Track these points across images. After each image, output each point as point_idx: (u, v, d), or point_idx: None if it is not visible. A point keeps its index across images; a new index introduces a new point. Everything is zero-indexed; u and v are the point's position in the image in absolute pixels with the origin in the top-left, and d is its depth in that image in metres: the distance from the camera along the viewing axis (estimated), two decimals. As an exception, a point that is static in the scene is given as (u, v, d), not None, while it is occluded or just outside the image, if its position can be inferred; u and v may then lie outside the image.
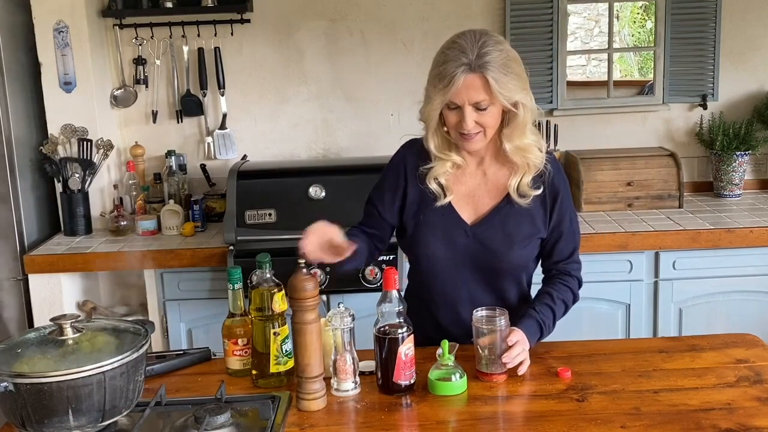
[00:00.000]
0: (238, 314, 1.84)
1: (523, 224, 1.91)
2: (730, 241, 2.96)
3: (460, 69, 1.74)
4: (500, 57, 1.76)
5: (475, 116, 1.79)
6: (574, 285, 1.98)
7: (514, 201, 1.90)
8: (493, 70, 1.74)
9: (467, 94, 1.76)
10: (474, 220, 1.93)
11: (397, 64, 3.52)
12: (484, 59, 1.74)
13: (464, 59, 1.74)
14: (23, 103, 3.15)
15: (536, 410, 1.61)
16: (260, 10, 3.46)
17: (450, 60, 1.76)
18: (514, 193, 1.90)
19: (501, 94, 1.76)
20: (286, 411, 1.63)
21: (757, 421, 1.54)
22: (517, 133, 1.85)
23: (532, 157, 1.88)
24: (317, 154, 3.59)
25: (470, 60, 1.74)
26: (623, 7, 5.34)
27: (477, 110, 1.78)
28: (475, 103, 1.77)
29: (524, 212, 1.91)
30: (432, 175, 1.91)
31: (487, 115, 1.79)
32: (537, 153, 1.89)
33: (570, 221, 1.96)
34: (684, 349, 1.90)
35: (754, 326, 2.54)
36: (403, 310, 1.70)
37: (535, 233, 1.93)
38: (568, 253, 1.97)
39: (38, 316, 2.99)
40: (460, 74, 1.74)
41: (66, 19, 3.17)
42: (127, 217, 3.26)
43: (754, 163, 3.57)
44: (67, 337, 1.51)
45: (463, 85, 1.75)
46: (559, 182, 1.93)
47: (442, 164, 1.90)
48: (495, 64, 1.75)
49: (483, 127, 1.81)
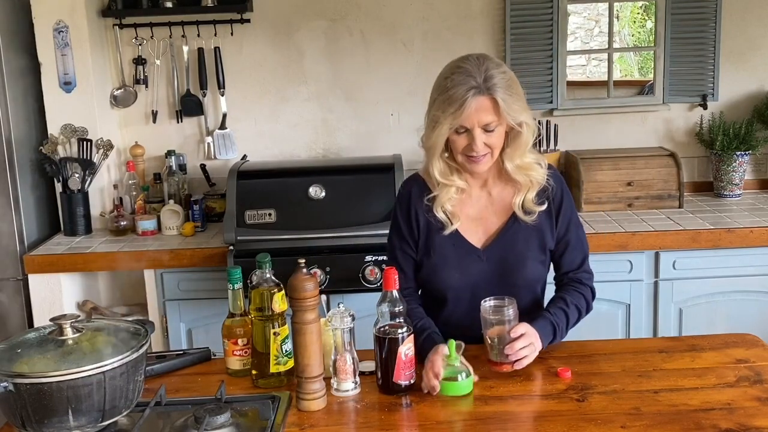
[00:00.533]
0: (238, 314, 1.84)
1: (532, 240, 1.93)
2: (730, 241, 2.96)
3: (470, 92, 1.76)
4: (504, 79, 1.80)
5: (484, 138, 1.81)
6: (588, 293, 1.99)
7: (521, 220, 1.92)
8: (500, 91, 1.78)
9: (477, 117, 1.78)
10: (484, 242, 1.94)
11: (397, 64, 3.52)
12: (492, 81, 1.77)
13: (473, 82, 1.77)
14: (23, 103, 3.15)
15: (536, 410, 1.61)
16: (260, 10, 3.46)
17: (458, 84, 1.78)
18: (520, 211, 1.91)
19: (509, 115, 1.79)
20: (286, 411, 1.63)
21: (757, 421, 1.54)
22: (518, 153, 1.87)
23: (534, 174, 1.90)
24: (317, 154, 3.59)
25: (479, 83, 1.77)
26: (623, 7, 5.34)
27: (485, 132, 1.80)
28: (485, 125, 1.79)
29: (532, 228, 1.93)
30: (438, 203, 1.92)
31: (495, 136, 1.82)
32: (538, 169, 1.91)
33: (576, 231, 1.98)
34: (684, 349, 1.90)
35: (754, 326, 2.54)
36: (403, 310, 1.70)
37: (545, 247, 1.95)
38: (578, 263, 1.99)
39: (38, 316, 2.99)
40: (471, 97, 1.76)
41: (66, 19, 3.17)
42: (127, 217, 3.26)
43: (754, 163, 3.57)
44: (67, 337, 1.51)
45: (474, 108, 1.77)
46: (563, 195, 1.96)
47: (447, 191, 1.91)
48: (501, 85, 1.78)
49: (491, 148, 1.83)
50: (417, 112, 3.46)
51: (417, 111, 3.50)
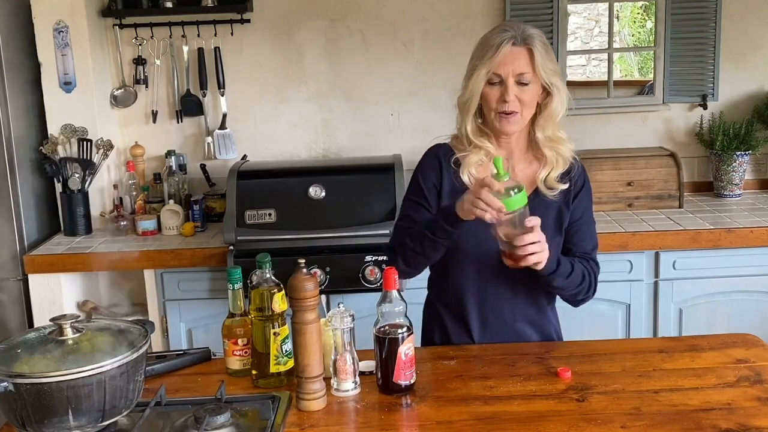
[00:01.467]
0: (238, 314, 1.84)
1: (550, 218, 1.92)
2: (730, 241, 2.96)
3: (507, 41, 1.82)
4: (541, 40, 1.86)
5: (516, 91, 1.83)
6: (595, 270, 1.98)
7: (543, 195, 1.92)
8: (539, 47, 1.83)
9: (512, 65, 1.82)
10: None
11: (397, 64, 3.52)
12: (530, 35, 1.84)
13: (510, 33, 1.83)
14: (23, 103, 3.15)
15: (536, 410, 1.61)
16: (260, 10, 3.46)
17: (496, 35, 1.84)
18: (542, 185, 1.92)
19: (543, 70, 1.83)
20: (286, 411, 1.63)
21: (757, 421, 1.53)
22: (550, 122, 1.91)
23: (563, 149, 1.93)
24: (317, 154, 3.59)
25: (516, 34, 1.83)
26: (623, 7, 5.35)
27: (518, 84, 1.83)
28: (519, 75, 1.83)
29: (552, 206, 1.93)
30: (466, 164, 1.92)
31: (528, 92, 1.85)
32: (567, 145, 1.94)
33: (589, 222, 1.99)
34: (684, 349, 1.90)
35: (754, 326, 2.54)
36: (403, 310, 1.70)
37: (561, 226, 1.95)
38: (589, 248, 1.99)
39: (38, 316, 2.99)
40: (507, 44, 1.82)
41: (66, 19, 3.17)
42: (127, 217, 3.26)
43: (754, 163, 3.57)
44: (67, 337, 1.51)
45: (509, 56, 1.82)
46: (585, 182, 1.99)
47: (476, 152, 1.92)
48: (538, 42, 1.84)
49: (521, 105, 1.85)
50: (417, 112, 3.50)
51: (417, 111, 3.54)
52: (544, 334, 2.01)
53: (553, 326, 2.04)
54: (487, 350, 1.91)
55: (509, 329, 1.97)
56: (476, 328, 1.97)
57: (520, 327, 1.98)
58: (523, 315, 1.98)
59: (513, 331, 1.97)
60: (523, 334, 1.98)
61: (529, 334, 1.99)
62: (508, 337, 1.97)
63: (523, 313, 1.98)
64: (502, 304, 1.96)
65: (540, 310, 2.00)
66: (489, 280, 1.94)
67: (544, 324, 2.02)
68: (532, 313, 1.99)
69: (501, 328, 1.97)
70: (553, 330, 2.04)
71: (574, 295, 1.96)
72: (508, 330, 1.97)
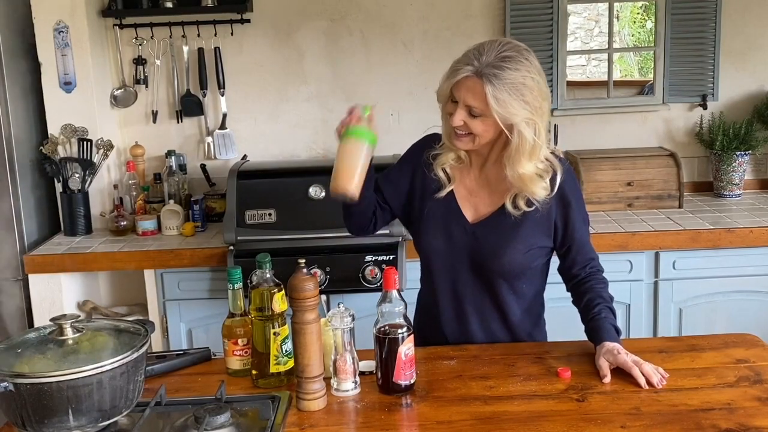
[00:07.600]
0: (238, 314, 1.84)
1: (522, 230, 1.89)
2: (730, 241, 2.96)
3: (466, 69, 1.75)
4: (514, 77, 1.73)
5: (465, 116, 1.79)
6: (604, 278, 1.95)
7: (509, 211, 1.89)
8: (498, 85, 1.72)
9: (465, 94, 1.78)
10: (474, 219, 1.93)
11: (397, 64, 3.52)
12: (494, 71, 1.73)
13: (475, 62, 1.75)
14: (23, 103, 3.15)
15: (536, 410, 1.61)
16: (260, 10, 3.46)
17: (466, 56, 1.78)
18: (510, 205, 1.88)
19: (496, 111, 1.74)
20: (286, 411, 1.63)
21: (757, 421, 1.54)
22: (515, 159, 1.81)
23: (533, 188, 1.83)
24: (317, 154, 3.59)
25: (480, 65, 1.74)
26: (623, 7, 5.34)
27: (470, 114, 1.79)
28: (469, 106, 1.78)
29: (526, 219, 1.88)
30: (438, 162, 1.93)
31: (477, 123, 1.79)
32: (538, 185, 1.83)
33: (582, 221, 1.93)
34: (684, 349, 1.90)
35: (754, 326, 2.54)
36: (403, 310, 1.70)
37: (535, 243, 1.91)
38: (592, 254, 1.96)
39: (38, 316, 2.99)
40: (463, 73, 1.76)
41: (66, 19, 3.17)
42: (127, 217, 3.26)
43: (754, 163, 3.57)
44: (67, 337, 1.51)
45: (464, 85, 1.77)
46: (570, 191, 1.90)
47: (447, 153, 1.92)
48: (503, 80, 1.72)
49: (471, 131, 1.81)
50: (417, 112, 3.50)
51: (417, 111, 3.54)
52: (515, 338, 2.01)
53: (525, 332, 2.02)
54: (487, 350, 1.91)
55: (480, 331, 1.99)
56: (449, 327, 2.00)
57: (493, 328, 1.99)
58: (495, 320, 1.99)
59: (485, 332, 1.99)
60: (494, 336, 1.99)
61: (501, 337, 1.99)
62: (479, 336, 1.98)
63: (495, 320, 1.99)
64: (474, 309, 1.97)
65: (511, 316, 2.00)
66: (460, 290, 1.96)
67: (515, 330, 2.01)
68: (504, 320, 1.99)
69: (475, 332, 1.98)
70: (525, 335, 2.02)
71: None
72: (477, 330, 1.98)
